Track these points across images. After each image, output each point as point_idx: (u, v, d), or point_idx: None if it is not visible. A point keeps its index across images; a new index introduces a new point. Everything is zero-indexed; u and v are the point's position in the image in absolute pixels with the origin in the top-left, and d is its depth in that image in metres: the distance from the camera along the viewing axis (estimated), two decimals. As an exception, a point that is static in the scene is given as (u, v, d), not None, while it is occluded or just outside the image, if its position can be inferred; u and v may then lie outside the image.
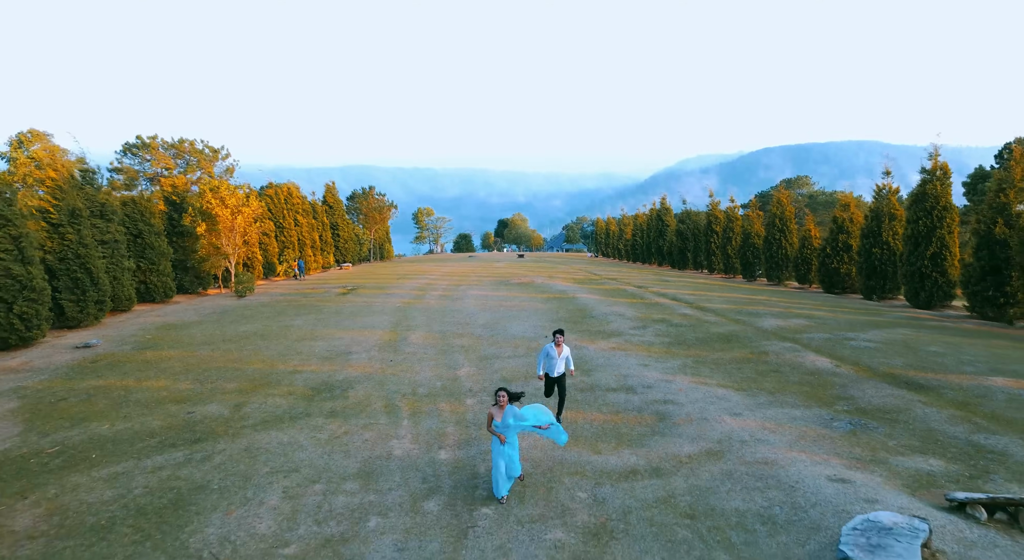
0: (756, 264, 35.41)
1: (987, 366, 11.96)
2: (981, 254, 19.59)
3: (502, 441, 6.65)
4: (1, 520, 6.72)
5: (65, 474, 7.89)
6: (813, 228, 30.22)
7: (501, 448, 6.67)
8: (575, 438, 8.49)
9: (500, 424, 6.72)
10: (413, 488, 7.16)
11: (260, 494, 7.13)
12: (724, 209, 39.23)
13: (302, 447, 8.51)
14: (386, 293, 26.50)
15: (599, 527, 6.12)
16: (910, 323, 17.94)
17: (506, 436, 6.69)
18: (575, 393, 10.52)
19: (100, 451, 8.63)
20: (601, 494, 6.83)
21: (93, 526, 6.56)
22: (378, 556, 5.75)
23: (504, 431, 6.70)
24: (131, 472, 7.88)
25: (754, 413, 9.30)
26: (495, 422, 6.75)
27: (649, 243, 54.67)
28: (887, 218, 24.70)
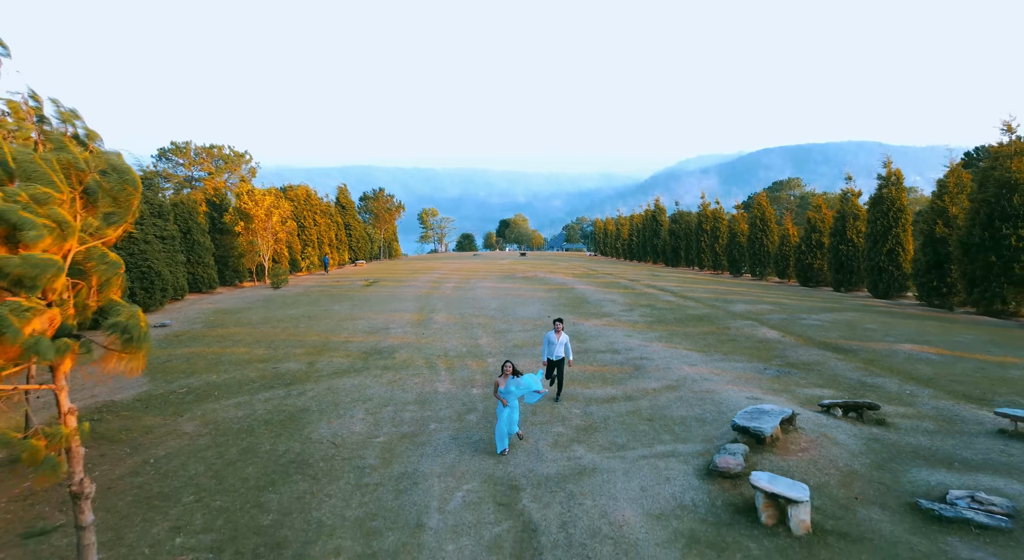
0: (741, 261, 38.36)
1: (905, 337, 14.92)
2: (927, 250, 22.58)
3: (504, 404, 7.95)
4: (175, 427, 9.70)
5: (201, 404, 10.86)
6: (791, 227, 33.19)
7: (503, 409, 7.97)
8: (573, 381, 11.44)
9: (503, 390, 8.01)
10: (456, 408, 10.12)
11: (349, 412, 10.09)
12: (713, 210, 42.22)
13: (369, 387, 11.48)
14: (405, 285, 29.50)
15: (587, 426, 9.08)
16: (862, 309, 20.89)
17: (508, 400, 7.96)
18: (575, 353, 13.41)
19: (219, 391, 11.60)
20: (589, 410, 9.79)
21: (238, 429, 9.53)
22: (439, 442, 8.70)
23: (506, 396, 7.98)
24: (250, 402, 10.85)
25: (707, 365, 12.27)
26: (500, 389, 8.05)
27: (644, 242, 57.63)
28: (851, 218, 27.66)
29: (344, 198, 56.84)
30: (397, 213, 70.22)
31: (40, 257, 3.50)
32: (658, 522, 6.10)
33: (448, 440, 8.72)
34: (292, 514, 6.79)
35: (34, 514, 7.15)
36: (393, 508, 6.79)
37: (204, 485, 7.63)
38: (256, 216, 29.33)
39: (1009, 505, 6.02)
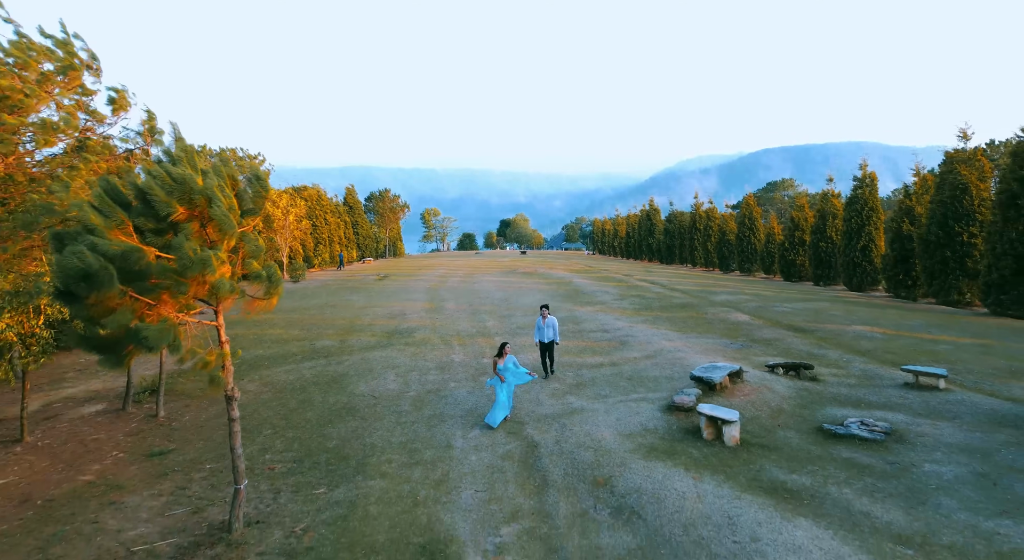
0: (731, 258, 40.45)
1: (861, 321, 17.00)
2: (894, 247, 24.68)
3: (502, 380, 9.10)
4: (241, 387, 11.78)
5: (257, 370, 12.96)
6: (776, 226, 35.28)
7: (501, 385, 9.08)
8: (568, 353, 13.50)
9: (501, 368, 9.16)
10: (470, 372, 12.20)
11: (382, 375, 12.18)
12: (705, 210, 44.33)
13: (396, 358, 13.56)
14: (415, 279, 31.60)
15: (578, 384, 11.16)
16: (833, 299, 22.98)
17: (505, 377, 9.14)
18: (570, 333, 15.56)
19: (268, 361, 13.70)
20: (580, 373, 11.87)
21: (292, 388, 11.62)
22: (458, 395, 10.76)
23: (504, 373, 9.16)
24: (297, 369, 12.94)
25: (682, 341, 14.36)
26: (499, 366, 9.19)
27: (640, 240, 59.73)
28: (830, 217, 29.75)
29: (352, 198, 58.96)
30: (402, 213, 72.37)
31: (227, 224, 5.57)
32: (628, 438, 8.19)
33: (465, 394, 10.80)
34: (350, 441, 8.87)
35: (148, 443, 9.25)
36: (427, 436, 8.87)
37: (276, 423, 9.73)
38: (275, 215, 31.43)
39: (887, 426, 8.11)
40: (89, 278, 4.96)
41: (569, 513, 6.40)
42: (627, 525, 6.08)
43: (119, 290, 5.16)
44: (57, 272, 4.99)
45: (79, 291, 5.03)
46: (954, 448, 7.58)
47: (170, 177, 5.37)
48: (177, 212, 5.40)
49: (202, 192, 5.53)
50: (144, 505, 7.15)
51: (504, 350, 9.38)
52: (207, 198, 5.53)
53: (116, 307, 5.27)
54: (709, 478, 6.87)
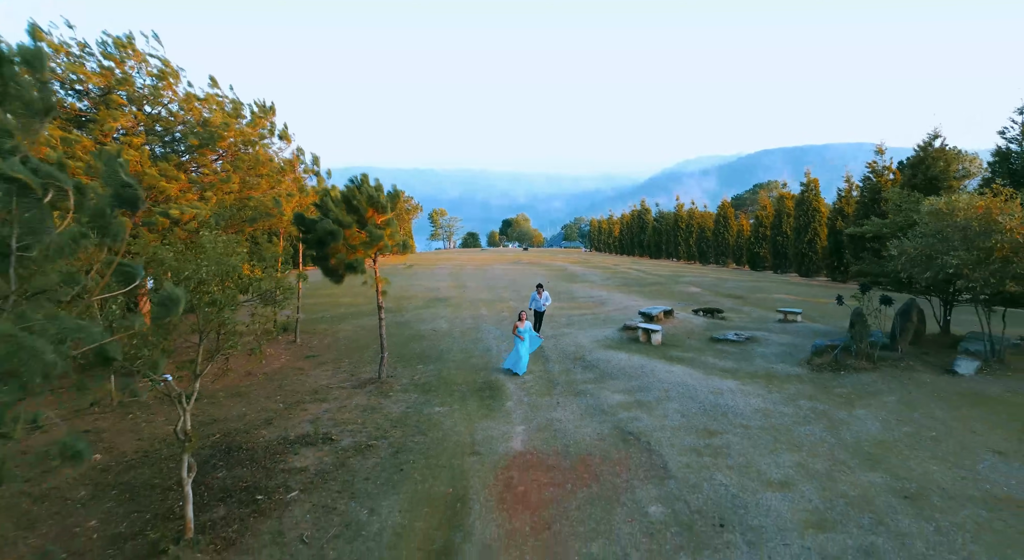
0: (709, 252, 46.05)
1: (782, 291, 22.61)
2: (830, 240, 30.29)
3: (522, 339, 12.02)
4: (340, 328, 17.41)
5: (345, 321, 18.57)
6: (745, 223, 40.90)
7: (520, 342, 11.92)
8: (562, 310, 19.07)
9: (521, 330, 12.03)
10: (494, 321, 17.80)
11: (434, 321, 17.78)
12: (687, 210, 49.99)
13: (441, 313, 19.17)
14: (437, 267, 37.25)
15: (569, 323, 16.78)
16: (778, 281, 28.62)
17: (524, 337, 12.01)
18: (564, 299, 21.15)
19: (350, 316, 19.30)
20: (571, 317, 17.48)
21: (351, 340, 17.21)
22: (489, 330, 16.34)
23: (523, 333, 12.02)
24: (373, 319, 18.53)
25: (644, 301, 19.98)
26: (519, 329, 12.06)
27: (632, 238, 65.41)
28: (785, 216, 35.38)
29: (368, 199, 64.53)
30: (414, 213, 78.07)
31: (387, 218, 11.17)
32: (595, 342, 13.80)
33: (494, 329, 16.41)
34: (426, 350, 14.47)
35: (301, 352, 14.83)
36: (473, 347, 14.47)
37: (373, 345, 15.33)
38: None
39: (749, 335, 13.74)
40: (331, 235, 10.55)
41: (560, 369, 12.02)
42: (589, 370, 11.70)
43: (342, 244, 10.77)
44: (314, 233, 10.57)
45: (325, 240, 10.62)
46: (779, 342, 13.22)
47: (364, 193, 10.97)
48: (368, 211, 11.01)
49: (378, 201, 11.15)
50: (319, 374, 12.75)
51: (522, 316, 12.39)
52: (380, 205, 11.15)
53: (339, 251, 10.88)
54: (637, 355, 12.50)
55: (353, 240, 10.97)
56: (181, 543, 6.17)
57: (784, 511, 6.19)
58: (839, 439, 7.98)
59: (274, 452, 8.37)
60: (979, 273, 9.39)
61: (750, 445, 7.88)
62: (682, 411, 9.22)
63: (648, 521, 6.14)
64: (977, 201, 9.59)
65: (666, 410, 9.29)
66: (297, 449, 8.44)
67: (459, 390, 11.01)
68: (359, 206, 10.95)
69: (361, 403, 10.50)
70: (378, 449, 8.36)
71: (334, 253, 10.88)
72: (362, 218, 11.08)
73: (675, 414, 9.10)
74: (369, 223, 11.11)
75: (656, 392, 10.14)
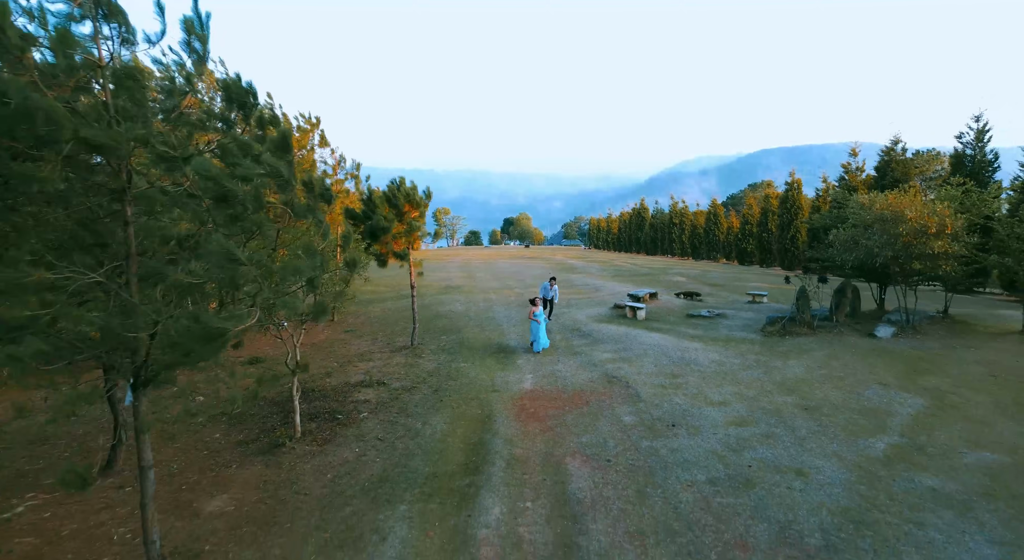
0: (701, 248, 48.64)
1: (759, 281, 25.19)
2: (808, 235, 32.83)
3: (537, 322, 13.60)
4: (370, 310, 20.04)
5: (371, 305, 21.19)
6: (735, 220, 43.48)
7: (535, 326, 13.33)
8: (564, 294, 21.67)
9: (536, 314, 13.47)
10: (504, 304, 20.41)
11: (451, 305, 20.40)
12: (681, 209, 52.59)
13: (456, 298, 21.78)
14: (447, 262, 39.91)
15: (568, 304, 19.40)
16: (759, 272, 31.19)
17: (539, 320, 13.34)
18: (566, 287, 23.76)
19: (376, 301, 21.91)
20: (570, 301, 20.11)
21: (399, 309, 19.85)
22: (499, 311, 18.96)
23: (537, 317, 13.48)
24: (395, 304, 21.17)
25: (632, 288, 22.58)
26: (535, 313, 13.54)
27: (630, 235, 67.98)
28: (770, 213, 37.95)
29: (376, 199, 67.19)
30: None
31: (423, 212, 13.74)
32: (590, 317, 16.41)
33: (502, 310, 19.02)
34: (447, 326, 17.05)
35: (346, 327, 17.44)
36: (488, 323, 17.07)
37: (401, 322, 17.94)
38: (333, 212, 39.70)
39: (719, 312, 16.35)
40: (383, 229, 13.14)
41: (560, 338, 14.63)
42: (584, 338, 14.31)
43: (390, 235, 13.36)
44: (369, 226, 13.16)
45: (377, 233, 13.21)
46: (743, 317, 15.83)
47: (402, 193, 13.57)
48: (406, 207, 13.62)
49: (415, 198, 13.76)
50: (360, 343, 15.34)
51: (535, 302, 14.24)
52: (416, 202, 13.76)
53: (387, 242, 13.48)
54: (624, 326, 15.11)
55: (395, 230, 13.57)
56: (293, 440, 8.80)
57: (718, 418, 8.80)
58: (770, 378, 10.59)
59: (341, 392, 10.99)
60: (889, 252, 12.00)
61: (703, 382, 10.50)
62: (655, 363, 11.83)
63: (622, 424, 8.75)
64: (890, 197, 12.20)
65: (643, 363, 11.90)
66: (359, 389, 11.06)
67: (478, 353, 13.61)
68: (399, 203, 13.55)
69: (400, 361, 13.12)
70: (421, 389, 10.98)
71: (384, 243, 13.48)
72: (400, 212, 13.69)
73: (650, 365, 11.72)
74: (406, 217, 13.72)
75: (636, 351, 12.75)
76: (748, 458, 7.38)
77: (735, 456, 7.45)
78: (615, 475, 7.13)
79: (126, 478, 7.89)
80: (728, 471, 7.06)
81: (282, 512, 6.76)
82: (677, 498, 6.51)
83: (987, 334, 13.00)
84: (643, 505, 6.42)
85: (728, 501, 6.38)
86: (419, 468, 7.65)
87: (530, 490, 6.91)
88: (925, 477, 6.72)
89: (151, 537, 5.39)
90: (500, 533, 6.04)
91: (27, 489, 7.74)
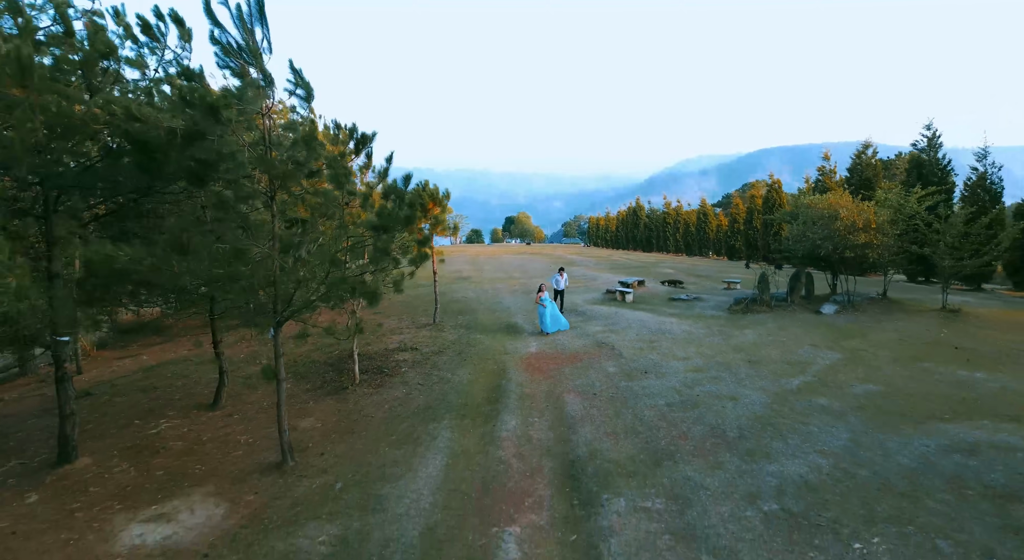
0: (693, 245, 51.29)
1: (743, 273, 27.82)
2: (790, 231, 35.49)
3: (544, 306, 15.25)
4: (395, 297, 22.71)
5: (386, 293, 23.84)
6: (723, 219, 46.12)
7: (543, 310, 14.98)
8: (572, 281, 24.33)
9: (543, 299, 15.10)
10: (510, 292, 23.06)
11: (463, 292, 23.05)
12: (675, 207, 55.26)
13: (467, 287, 24.44)
14: (453, 257, 42.58)
15: (567, 291, 22.04)
16: (742, 268, 33.80)
17: (546, 305, 14.91)
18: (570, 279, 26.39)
19: (395, 290, 24.55)
20: (568, 288, 22.75)
21: (422, 295, 22.49)
22: (506, 297, 21.61)
23: (544, 302, 15.17)
24: (408, 292, 23.80)
25: (624, 277, 25.24)
26: (543, 298, 15.20)
27: (626, 233, 70.63)
28: (756, 212, 40.59)
29: (383, 198, 69.88)
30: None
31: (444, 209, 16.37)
32: (586, 301, 19.07)
33: (509, 296, 21.66)
34: (462, 308, 19.70)
35: (367, 311, 20.08)
36: (497, 306, 19.71)
37: (422, 306, 20.58)
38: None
39: (696, 295, 19.00)
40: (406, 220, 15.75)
41: (559, 316, 17.26)
42: (580, 316, 16.96)
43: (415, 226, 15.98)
44: (396, 223, 15.80)
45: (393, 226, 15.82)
46: (716, 300, 18.49)
47: (427, 193, 16.20)
48: (430, 205, 16.25)
49: (437, 197, 16.40)
50: (389, 322, 17.95)
51: (541, 288, 15.83)
52: (438, 200, 16.40)
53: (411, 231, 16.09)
54: (614, 307, 17.75)
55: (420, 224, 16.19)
56: (353, 385, 11.46)
57: (680, 367, 11.44)
58: (727, 342, 13.24)
59: (383, 355, 13.63)
60: (829, 244, 14.64)
61: (673, 345, 13.14)
62: (637, 333, 14.48)
63: (607, 373, 11.39)
64: (829, 198, 14.84)
65: (627, 333, 14.54)
66: (397, 353, 13.71)
67: (490, 329, 16.26)
68: (424, 201, 16.16)
69: (426, 334, 15.76)
70: (447, 353, 13.62)
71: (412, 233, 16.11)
72: (424, 208, 16.31)
73: (632, 334, 14.36)
74: (430, 213, 16.34)
75: (623, 325, 15.39)
76: (698, 391, 10.02)
77: (688, 390, 10.09)
78: (599, 403, 9.77)
79: (230, 411, 10.54)
80: (681, 398, 9.69)
81: (357, 426, 9.42)
82: (642, 414, 9.15)
83: (913, 311, 15.61)
84: (618, 419, 9.05)
85: (678, 415, 9.02)
86: (453, 401, 10.29)
87: (536, 412, 9.55)
88: (820, 399, 9.36)
89: (283, 427, 8.03)
90: (516, 435, 8.68)
91: (158, 417, 10.40)
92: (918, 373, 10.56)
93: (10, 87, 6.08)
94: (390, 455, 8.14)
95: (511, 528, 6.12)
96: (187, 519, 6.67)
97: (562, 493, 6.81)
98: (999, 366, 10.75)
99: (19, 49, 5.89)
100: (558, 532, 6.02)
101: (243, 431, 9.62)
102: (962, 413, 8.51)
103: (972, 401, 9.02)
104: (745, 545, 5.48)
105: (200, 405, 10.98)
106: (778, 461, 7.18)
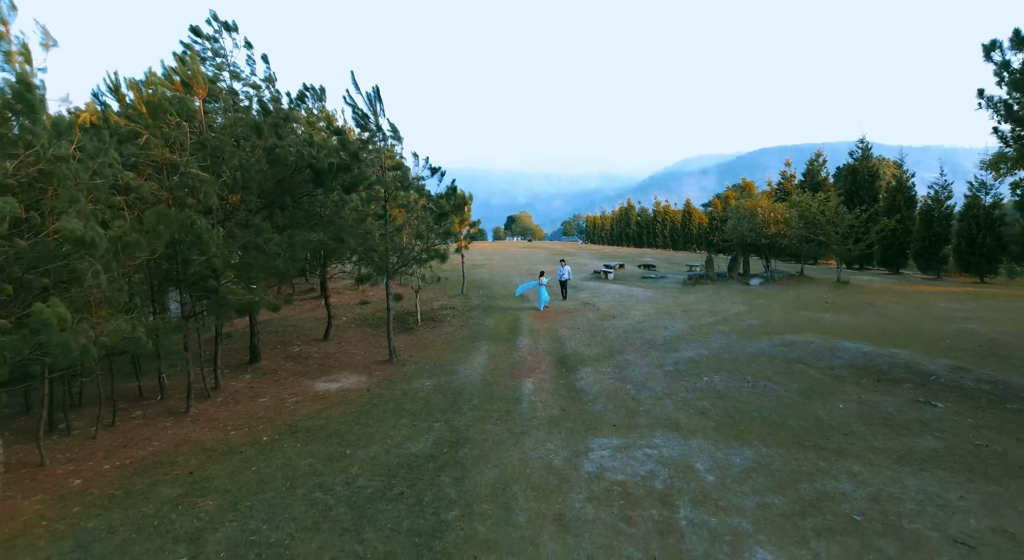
0: (679, 241, 56.80)
1: (710, 262, 33.44)
2: (758, 227, 41.04)
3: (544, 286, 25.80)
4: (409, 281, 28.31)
5: (422, 276, 29.45)
6: (704, 216, 51.66)
7: (541, 289, 20.47)
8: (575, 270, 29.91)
9: (544, 281, 22.69)
10: (519, 275, 28.60)
11: (479, 274, 28.58)
12: (663, 206, 60.78)
13: (483, 272, 29.97)
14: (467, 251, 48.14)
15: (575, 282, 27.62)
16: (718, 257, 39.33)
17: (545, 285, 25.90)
18: (560, 266, 31.98)
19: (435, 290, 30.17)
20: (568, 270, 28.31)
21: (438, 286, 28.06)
22: (515, 278, 27.13)
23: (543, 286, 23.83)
24: (440, 275, 29.37)
25: (609, 262, 30.80)
26: (543, 281, 24.30)
27: (620, 231, 76.24)
28: (731, 211, 46.12)
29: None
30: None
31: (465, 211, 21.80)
32: (578, 279, 24.62)
33: (519, 277, 27.17)
34: (482, 286, 25.22)
35: (406, 288, 25.70)
36: (508, 285, 25.23)
37: (452, 285, 26.12)
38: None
39: (662, 275, 24.56)
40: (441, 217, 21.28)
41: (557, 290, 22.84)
42: (572, 288, 22.50)
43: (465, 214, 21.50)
44: (435, 218, 21.35)
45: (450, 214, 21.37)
46: (677, 278, 24.03)
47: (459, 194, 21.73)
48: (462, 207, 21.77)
49: (464, 198, 21.94)
50: (423, 295, 23.48)
51: (543, 274, 25.10)
52: (465, 200, 21.93)
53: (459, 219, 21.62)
54: (598, 283, 23.31)
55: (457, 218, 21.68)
56: (417, 326, 17.03)
57: (638, 315, 16.97)
58: (674, 302, 18.76)
59: (431, 311, 19.16)
60: (753, 235, 20.17)
61: (636, 303, 18.68)
62: (612, 297, 20.00)
63: (588, 318, 16.92)
64: (755, 200, 20.34)
65: (605, 297, 20.07)
66: (440, 311, 19.25)
67: (505, 297, 21.80)
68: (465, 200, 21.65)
69: (458, 301, 21.30)
70: (476, 310, 19.16)
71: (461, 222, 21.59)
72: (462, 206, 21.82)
73: (609, 298, 19.88)
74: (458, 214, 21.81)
75: (603, 293, 20.92)
76: (645, 325, 15.55)
77: (639, 325, 15.62)
78: (580, 333, 15.31)
79: (337, 341, 16.08)
80: (633, 328, 15.23)
81: (427, 345, 14.98)
82: (607, 336, 14.68)
83: (817, 283, 21.13)
84: (592, 338, 14.58)
85: (629, 335, 14.55)
86: (487, 333, 15.84)
87: (541, 336, 15.10)
88: (721, 328, 14.88)
89: (391, 337, 13.59)
90: (528, 347, 14.21)
91: (290, 345, 15.92)
92: (790, 315, 16.12)
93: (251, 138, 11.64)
94: (453, 356, 13.70)
95: (528, 379, 11.64)
96: (346, 381, 12.19)
97: (556, 368, 12.34)
98: (843, 311, 16.31)
99: (257, 117, 11.45)
100: (553, 382, 11.55)
101: (353, 350, 15.16)
102: (799, 331, 14.07)
103: (810, 325, 14.59)
104: (651, 381, 11.01)
105: (315, 339, 16.49)
106: (681, 352, 12.73)
